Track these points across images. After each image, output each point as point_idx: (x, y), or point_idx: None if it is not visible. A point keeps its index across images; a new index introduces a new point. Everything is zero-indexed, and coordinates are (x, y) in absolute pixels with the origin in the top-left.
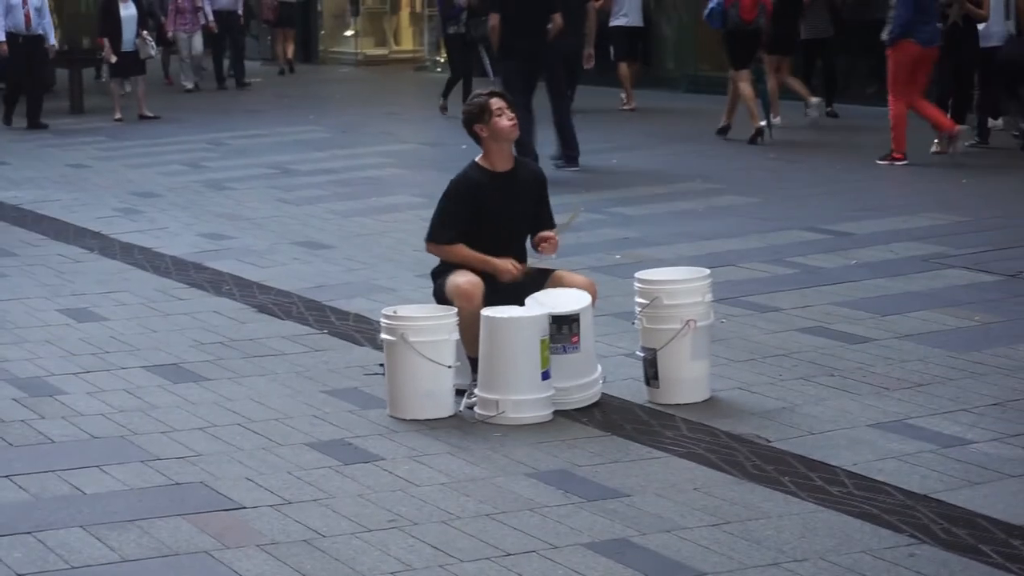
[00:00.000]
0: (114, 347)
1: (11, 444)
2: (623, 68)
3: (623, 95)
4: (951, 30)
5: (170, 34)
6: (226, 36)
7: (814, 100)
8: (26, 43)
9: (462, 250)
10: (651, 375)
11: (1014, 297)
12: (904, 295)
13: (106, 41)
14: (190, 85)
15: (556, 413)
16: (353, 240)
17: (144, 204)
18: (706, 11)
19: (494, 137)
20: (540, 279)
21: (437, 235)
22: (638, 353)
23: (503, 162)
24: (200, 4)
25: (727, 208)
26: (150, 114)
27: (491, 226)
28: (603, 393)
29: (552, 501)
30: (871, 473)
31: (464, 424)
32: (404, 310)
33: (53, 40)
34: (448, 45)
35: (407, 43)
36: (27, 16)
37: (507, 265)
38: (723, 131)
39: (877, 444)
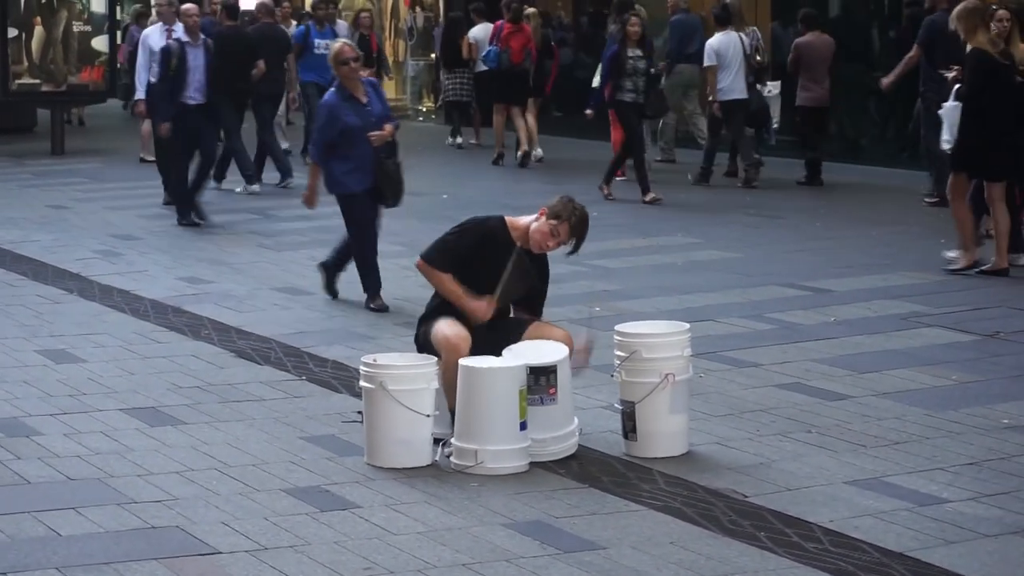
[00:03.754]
0: (92, 389)
1: None
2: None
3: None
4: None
5: None
6: None
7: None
8: None
9: (448, 281)
10: (629, 428)
11: (991, 357)
12: (882, 353)
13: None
14: (285, 144)
15: (533, 464)
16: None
17: (124, 247)
18: (483, 53)
19: (530, 234)
20: (518, 330)
21: (433, 258)
22: (616, 406)
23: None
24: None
25: (707, 263)
26: (150, 158)
27: (484, 283)
28: (581, 445)
29: (528, 552)
30: (847, 530)
31: (441, 473)
32: (384, 358)
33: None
34: (619, 113)
35: (390, 92)
36: None
37: (480, 310)
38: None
39: (853, 501)
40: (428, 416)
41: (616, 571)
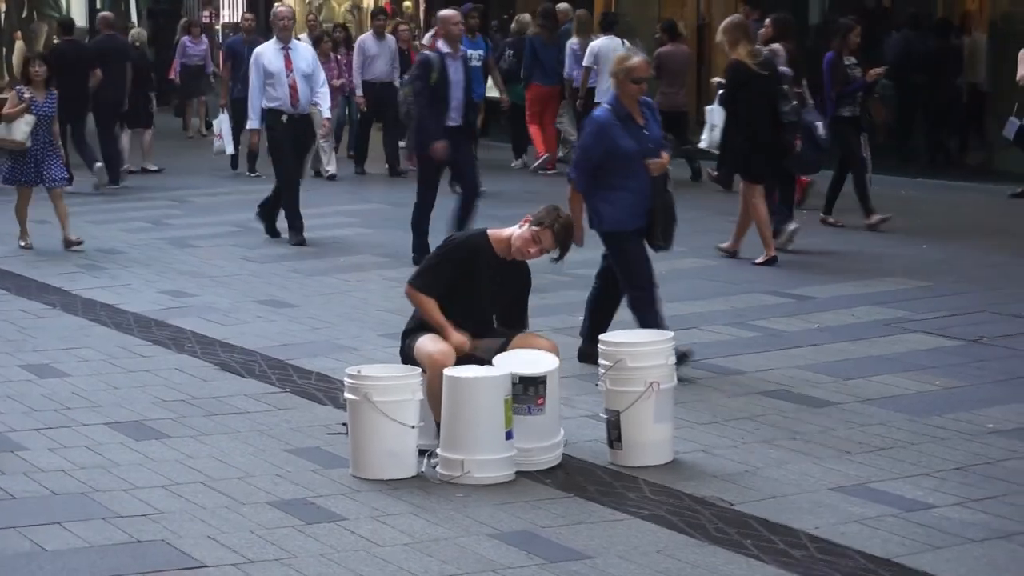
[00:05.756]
0: (76, 403)
1: None
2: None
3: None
4: None
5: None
6: (380, 112)
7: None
8: (291, 125)
9: (432, 308)
10: (614, 437)
11: (975, 362)
12: (866, 359)
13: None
14: (332, 169)
15: (519, 474)
16: (316, 299)
17: (107, 261)
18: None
19: (512, 242)
20: (503, 341)
21: (421, 283)
22: (601, 415)
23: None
24: (334, 75)
25: (690, 271)
26: (153, 167)
27: (468, 295)
28: (566, 454)
29: (515, 562)
30: (833, 537)
31: (427, 484)
32: (368, 370)
33: (327, 112)
34: (837, 131)
35: None
36: (293, 87)
37: (461, 341)
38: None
39: (839, 508)
40: (413, 427)
41: None
